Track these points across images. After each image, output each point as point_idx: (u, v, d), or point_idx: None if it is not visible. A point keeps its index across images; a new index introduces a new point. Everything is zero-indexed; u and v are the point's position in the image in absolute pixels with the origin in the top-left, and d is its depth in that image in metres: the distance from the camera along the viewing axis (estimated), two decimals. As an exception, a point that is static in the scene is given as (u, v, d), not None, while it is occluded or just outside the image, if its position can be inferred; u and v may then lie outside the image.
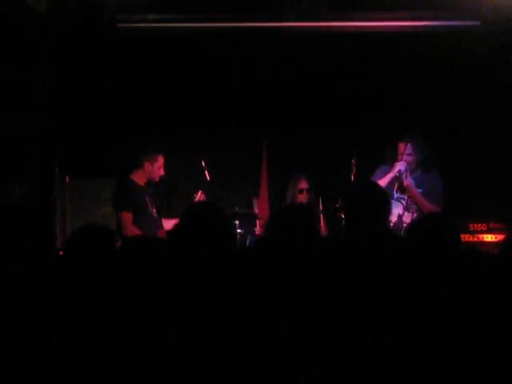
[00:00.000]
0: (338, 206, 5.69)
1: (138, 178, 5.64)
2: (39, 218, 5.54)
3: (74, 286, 2.50)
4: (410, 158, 5.47)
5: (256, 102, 6.61)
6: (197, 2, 5.77)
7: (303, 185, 6.26)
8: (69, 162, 6.05)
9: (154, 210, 5.68)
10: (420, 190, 5.49)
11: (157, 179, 5.72)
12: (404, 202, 5.51)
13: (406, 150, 5.46)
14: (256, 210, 6.57)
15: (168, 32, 6.04)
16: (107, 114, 6.37)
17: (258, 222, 6.39)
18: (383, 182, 5.38)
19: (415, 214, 5.46)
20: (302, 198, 6.24)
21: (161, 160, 5.68)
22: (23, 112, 5.44)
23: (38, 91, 5.49)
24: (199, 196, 5.82)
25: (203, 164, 5.98)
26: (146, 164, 5.63)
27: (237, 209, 6.12)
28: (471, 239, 5.37)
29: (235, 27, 5.92)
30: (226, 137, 6.66)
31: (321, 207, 6.07)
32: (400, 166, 5.44)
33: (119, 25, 5.83)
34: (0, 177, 5.39)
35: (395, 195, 5.50)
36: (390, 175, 5.45)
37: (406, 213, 5.45)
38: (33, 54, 5.43)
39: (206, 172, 5.97)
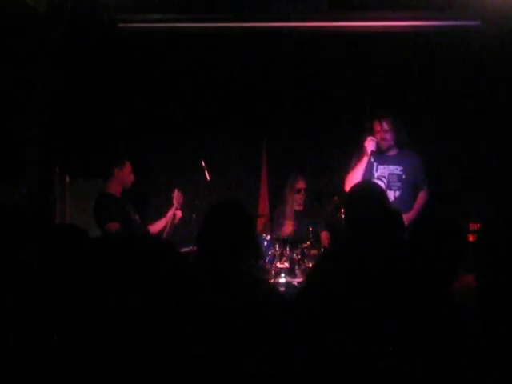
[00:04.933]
0: (335, 198, 5.70)
1: (114, 189, 5.63)
2: (39, 217, 5.53)
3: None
4: (388, 135, 5.43)
5: (256, 101, 6.61)
6: (197, 2, 5.76)
7: (301, 185, 6.26)
8: (69, 161, 6.04)
9: (137, 217, 5.70)
10: (400, 167, 5.47)
11: (129, 184, 5.72)
12: (385, 181, 5.46)
13: (383, 125, 5.42)
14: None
15: (168, 32, 6.03)
16: (107, 114, 6.37)
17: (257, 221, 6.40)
18: (361, 168, 5.39)
19: (398, 192, 5.44)
20: (300, 199, 6.25)
21: (128, 166, 5.71)
22: (23, 112, 5.43)
23: (38, 92, 5.48)
24: (176, 195, 5.81)
25: (203, 164, 5.98)
26: (117, 171, 5.66)
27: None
28: (471, 239, 5.36)
29: (235, 27, 5.92)
30: (225, 137, 6.67)
31: (319, 208, 6.07)
32: (369, 145, 5.40)
33: (119, 25, 5.82)
34: (0, 177, 5.38)
35: (375, 174, 5.46)
36: (365, 159, 5.41)
37: (388, 191, 5.32)
38: (33, 54, 5.42)
39: (206, 172, 5.97)
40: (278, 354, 2.38)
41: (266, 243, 5.66)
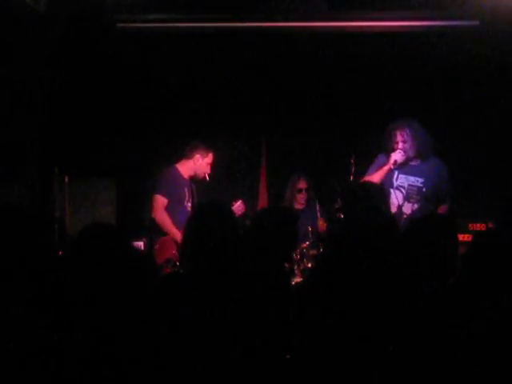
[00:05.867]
0: (337, 206, 5.66)
1: (184, 169, 5.75)
2: (39, 217, 5.52)
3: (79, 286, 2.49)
4: (406, 146, 5.27)
5: (256, 101, 6.61)
6: (196, 2, 5.76)
7: (302, 184, 6.27)
8: (69, 161, 6.05)
9: (189, 205, 5.72)
10: (421, 180, 5.30)
11: (201, 176, 5.78)
12: (404, 191, 5.32)
13: (401, 137, 5.25)
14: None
15: (168, 32, 6.03)
16: (107, 114, 6.37)
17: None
18: (379, 175, 5.25)
19: (416, 205, 5.27)
20: (301, 198, 6.25)
21: (211, 157, 5.79)
22: (23, 112, 5.44)
23: (38, 91, 5.49)
24: (236, 206, 5.76)
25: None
26: (197, 156, 5.73)
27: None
28: (471, 239, 5.33)
29: (235, 27, 5.92)
30: (225, 136, 6.67)
31: (318, 207, 6.06)
32: (396, 156, 5.25)
33: (118, 25, 5.82)
34: (0, 177, 5.38)
35: (395, 183, 5.33)
36: (386, 167, 5.29)
37: (405, 203, 5.26)
38: (33, 54, 5.42)
39: (206, 172, 5.96)
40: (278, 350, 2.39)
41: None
